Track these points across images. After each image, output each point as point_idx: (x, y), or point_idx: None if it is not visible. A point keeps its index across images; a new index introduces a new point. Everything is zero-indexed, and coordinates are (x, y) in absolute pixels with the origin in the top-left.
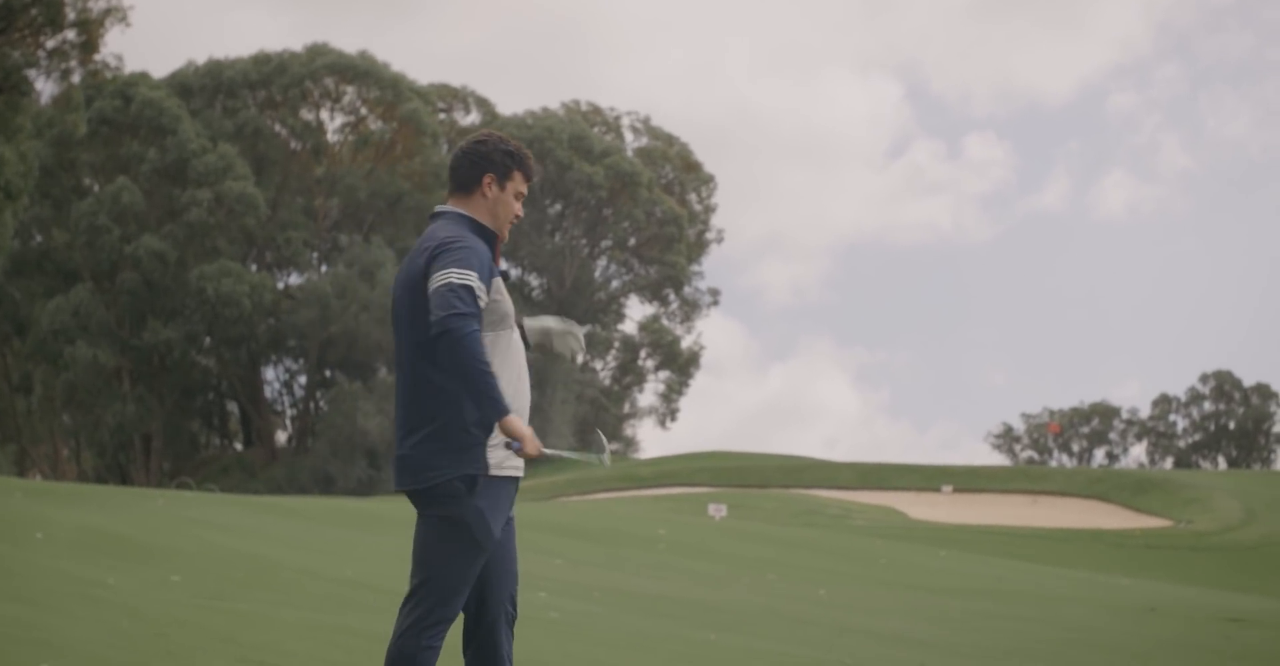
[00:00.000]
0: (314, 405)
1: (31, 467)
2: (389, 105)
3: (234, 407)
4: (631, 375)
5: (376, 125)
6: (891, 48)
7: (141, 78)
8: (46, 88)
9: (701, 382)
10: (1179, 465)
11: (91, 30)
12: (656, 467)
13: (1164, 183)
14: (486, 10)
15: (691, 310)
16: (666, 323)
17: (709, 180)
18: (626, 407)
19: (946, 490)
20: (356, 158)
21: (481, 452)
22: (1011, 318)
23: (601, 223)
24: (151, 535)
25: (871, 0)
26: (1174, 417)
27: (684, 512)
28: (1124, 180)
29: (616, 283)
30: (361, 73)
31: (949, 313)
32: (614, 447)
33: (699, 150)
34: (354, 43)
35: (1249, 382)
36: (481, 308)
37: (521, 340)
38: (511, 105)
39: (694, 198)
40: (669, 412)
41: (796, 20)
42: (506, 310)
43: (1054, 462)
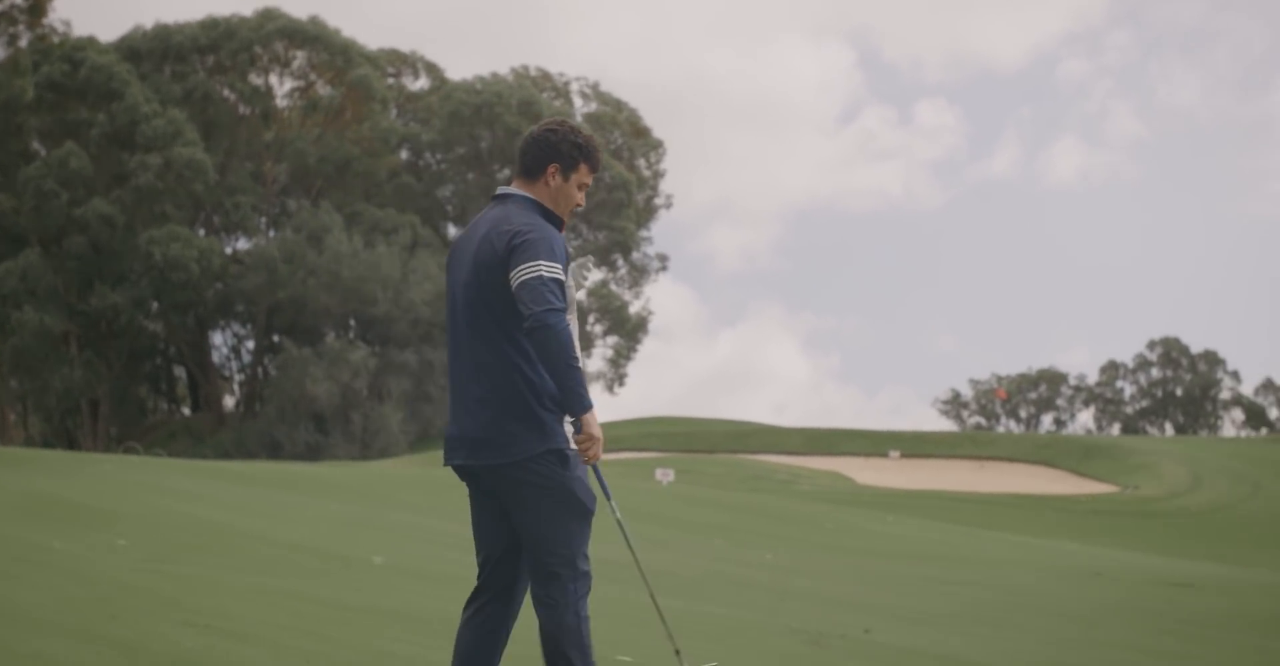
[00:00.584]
0: (262, 370)
1: None
2: (338, 70)
3: (181, 373)
4: (579, 340)
5: (326, 90)
6: (843, 14)
7: (89, 42)
8: None
9: (650, 348)
10: (1126, 431)
11: None
12: (604, 432)
13: (1114, 149)
14: None
15: (640, 275)
16: (615, 288)
17: (658, 146)
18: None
19: (894, 455)
20: (305, 123)
21: (561, 429)
22: (961, 284)
23: None
24: (98, 499)
25: None
26: (1121, 384)
27: (632, 477)
28: (1074, 147)
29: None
30: (311, 38)
31: (899, 278)
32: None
33: (649, 116)
34: (304, 8)
35: (1196, 349)
36: (567, 300)
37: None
38: (461, 70)
39: (643, 163)
40: (617, 378)
41: None
42: (573, 296)
43: (1001, 428)
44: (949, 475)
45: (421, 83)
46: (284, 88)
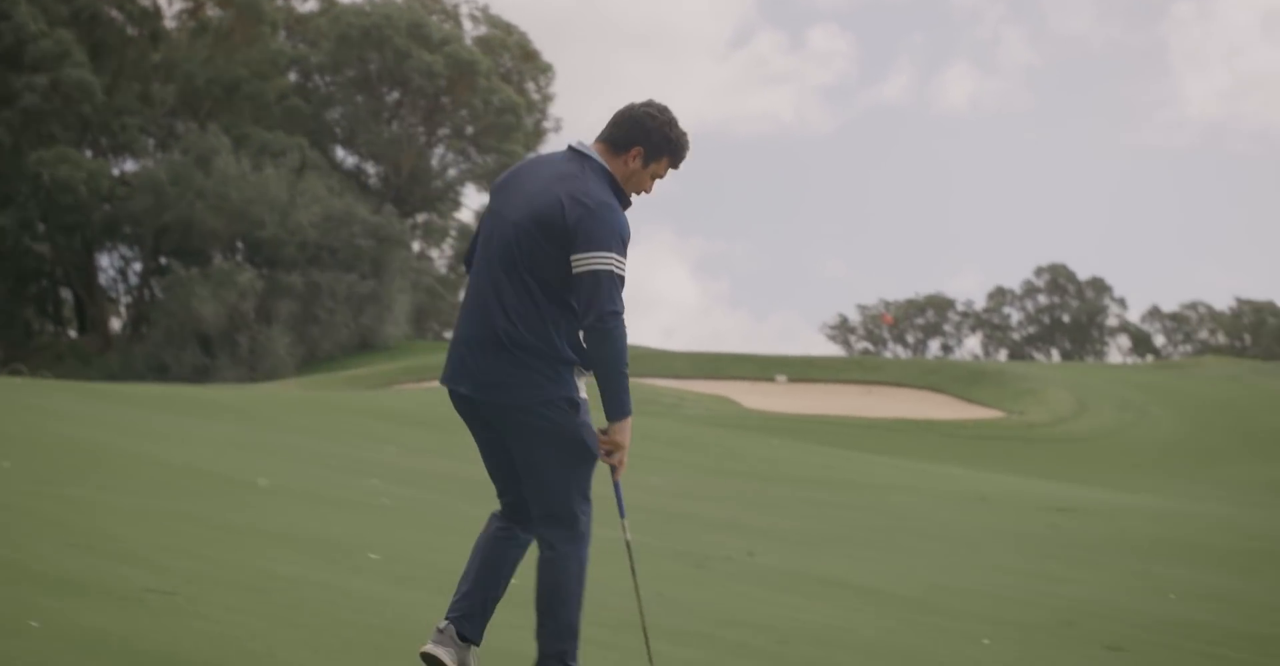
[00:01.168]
0: (149, 293)
1: None
2: None
3: (68, 295)
4: None
5: (215, 12)
6: None
7: None
8: None
9: None
10: (1013, 357)
11: None
12: None
13: (1006, 76)
14: None
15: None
16: None
17: (547, 69)
18: (462, 296)
19: (780, 380)
20: (194, 44)
21: (576, 382)
22: (851, 209)
23: (439, 111)
24: None
25: None
26: (1009, 310)
27: None
28: (966, 73)
29: (454, 171)
30: None
31: (789, 204)
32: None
33: (538, 39)
34: None
35: (1084, 276)
36: None
37: None
38: None
39: (532, 87)
40: None
41: None
42: None
43: (888, 354)
44: (835, 400)
45: (310, 4)
46: (172, 9)
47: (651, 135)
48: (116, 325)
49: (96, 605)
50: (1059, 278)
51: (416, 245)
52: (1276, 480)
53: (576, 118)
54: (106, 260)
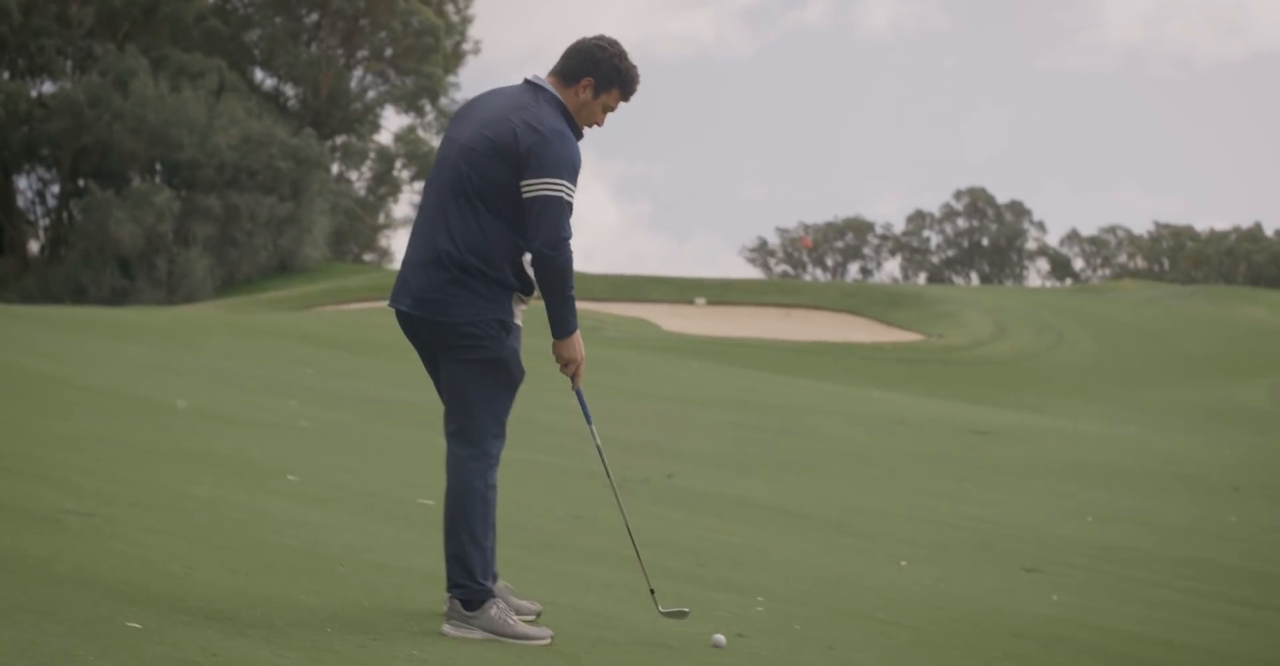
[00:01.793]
0: (67, 215)
1: None
2: None
3: None
4: (386, 186)
5: None
6: None
7: None
8: None
9: None
10: (932, 281)
11: None
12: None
13: None
14: None
15: (448, 122)
16: (422, 134)
17: None
18: (381, 218)
19: (699, 302)
20: None
21: (511, 304)
22: (771, 132)
23: (358, 33)
24: None
25: None
26: (928, 233)
27: None
28: None
29: (372, 93)
30: None
31: (710, 127)
32: (370, 257)
33: None
34: None
35: (1003, 199)
36: None
37: None
38: None
39: (451, 9)
40: None
41: None
42: None
43: (808, 277)
44: (755, 323)
45: None
46: None
47: (600, 66)
48: (34, 248)
49: (15, 526)
50: (978, 201)
51: (335, 167)
52: (1193, 403)
53: (497, 40)
54: (24, 182)
